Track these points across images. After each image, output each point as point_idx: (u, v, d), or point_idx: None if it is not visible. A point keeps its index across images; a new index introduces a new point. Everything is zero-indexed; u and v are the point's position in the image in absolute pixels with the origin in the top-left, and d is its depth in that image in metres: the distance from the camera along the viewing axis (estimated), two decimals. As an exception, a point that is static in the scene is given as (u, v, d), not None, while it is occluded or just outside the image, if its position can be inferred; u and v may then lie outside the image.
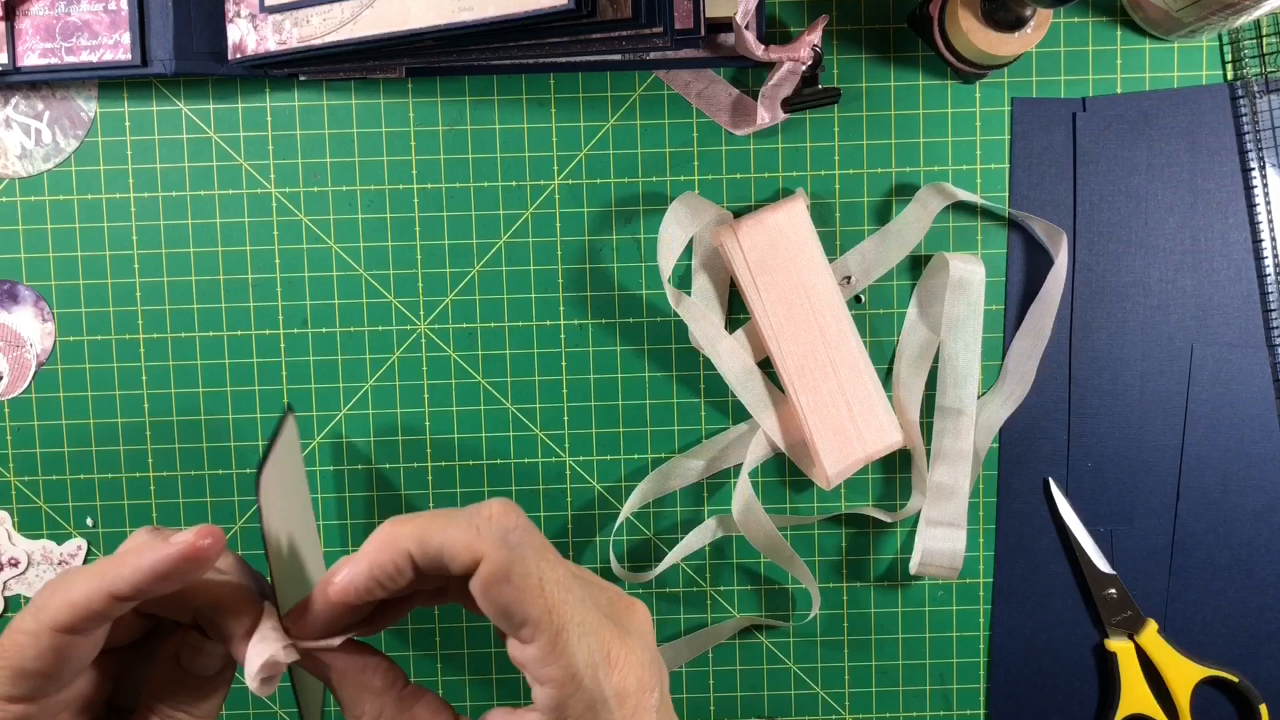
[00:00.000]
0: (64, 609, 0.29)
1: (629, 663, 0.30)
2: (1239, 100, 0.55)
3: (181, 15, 0.52)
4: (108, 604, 0.30)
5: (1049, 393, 0.56)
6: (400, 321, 0.56)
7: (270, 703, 0.58)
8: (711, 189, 0.56)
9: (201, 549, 0.30)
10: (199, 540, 0.30)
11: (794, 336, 0.54)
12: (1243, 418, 0.56)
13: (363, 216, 0.56)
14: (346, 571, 0.30)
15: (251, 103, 0.55)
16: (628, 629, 0.31)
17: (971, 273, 0.54)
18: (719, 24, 0.53)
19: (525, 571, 0.29)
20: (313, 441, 0.57)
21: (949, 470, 0.55)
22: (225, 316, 0.56)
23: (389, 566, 0.30)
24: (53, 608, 0.29)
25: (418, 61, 0.53)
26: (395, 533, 0.30)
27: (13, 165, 0.56)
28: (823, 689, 0.58)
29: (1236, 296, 0.55)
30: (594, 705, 0.29)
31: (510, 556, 0.29)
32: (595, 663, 0.29)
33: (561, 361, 0.56)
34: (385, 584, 0.30)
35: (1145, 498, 0.56)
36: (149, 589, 0.30)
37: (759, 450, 0.56)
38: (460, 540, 0.29)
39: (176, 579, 0.30)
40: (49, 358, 0.56)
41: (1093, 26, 0.55)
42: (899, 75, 0.55)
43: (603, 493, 0.57)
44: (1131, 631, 0.56)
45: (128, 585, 0.29)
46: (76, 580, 0.30)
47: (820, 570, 0.57)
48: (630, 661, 0.30)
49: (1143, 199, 0.55)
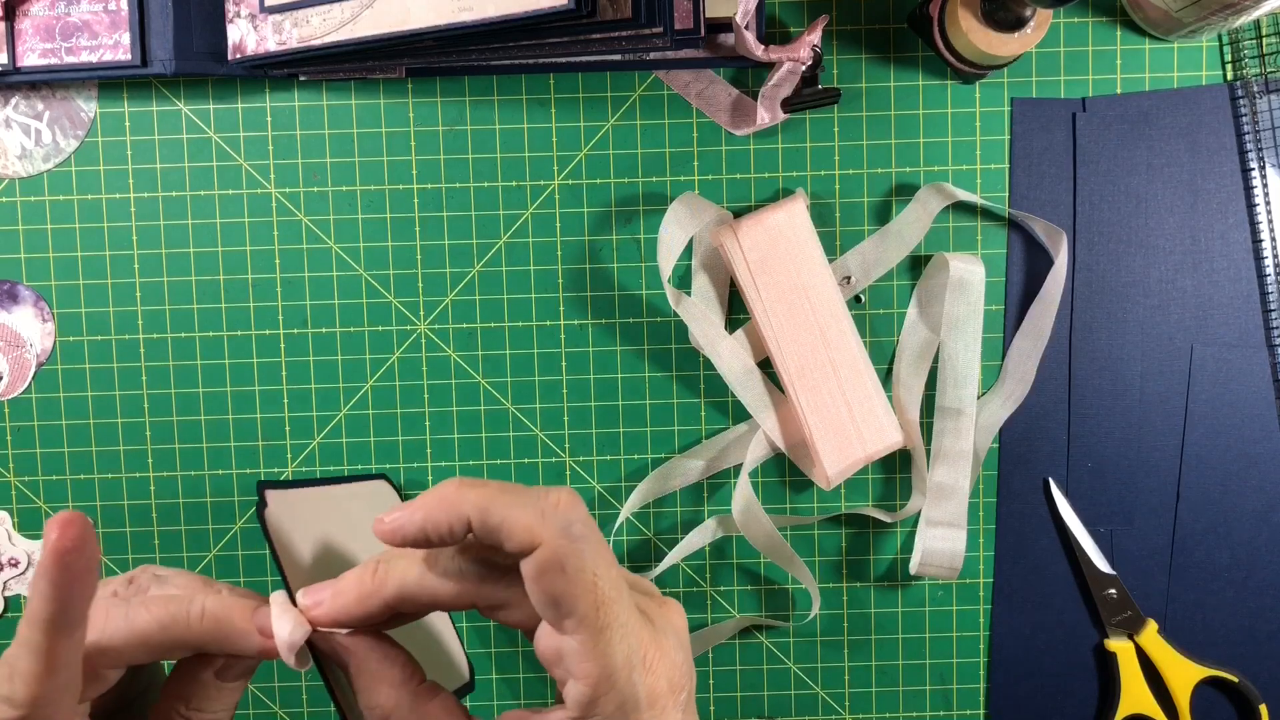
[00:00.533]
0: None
1: (662, 664, 0.30)
2: (1239, 100, 0.55)
3: (181, 15, 0.52)
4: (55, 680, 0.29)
5: (1049, 393, 0.56)
6: (400, 321, 0.56)
7: (270, 703, 0.58)
8: (711, 189, 0.56)
9: (65, 542, 0.28)
10: (60, 538, 0.28)
11: (794, 336, 0.54)
12: (1243, 418, 0.56)
13: (363, 216, 0.56)
14: (400, 515, 0.30)
15: (251, 103, 0.56)
16: (664, 629, 0.31)
17: (971, 273, 0.54)
18: (719, 24, 0.53)
19: (580, 566, 0.29)
20: (313, 441, 0.57)
21: (949, 470, 0.55)
22: (225, 316, 0.56)
23: (443, 525, 0.30)
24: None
25: (418, 61, 0.53)
26: (460, 495, 0.29)
27: (13, 165, 0.56)
28: (823, 689, 0.58)
29: (1236, 296, 0.55)
30: (624, 705, 0.29)
31: (570, 548, 0.29)
32: (632, 664, 0.29)
33: (561, 361, 0.56)
34: (434, 540, 0.30)
35: (1145, 498, 0.56)
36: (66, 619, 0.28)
37: (759, 450, 0.56)
38: (522, 521, 0.29)
39: (76, 584, 0.28)
40: (49, 358, 0.56)
41: (1093, 26, 0.55)
42: (899, 75, 0.55)
43: (603, 493, 0.57)
44: (1131, 631, 0.56)
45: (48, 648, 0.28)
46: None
47: (820, 570, 0.57)
48: (664, 663, 0.30)
49: (1143, 199, 0.55)
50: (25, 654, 0.29)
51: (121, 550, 0.57)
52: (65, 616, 0.29)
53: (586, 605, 0.29)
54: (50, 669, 0.29)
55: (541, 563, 0.29)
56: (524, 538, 0.29)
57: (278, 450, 0.57)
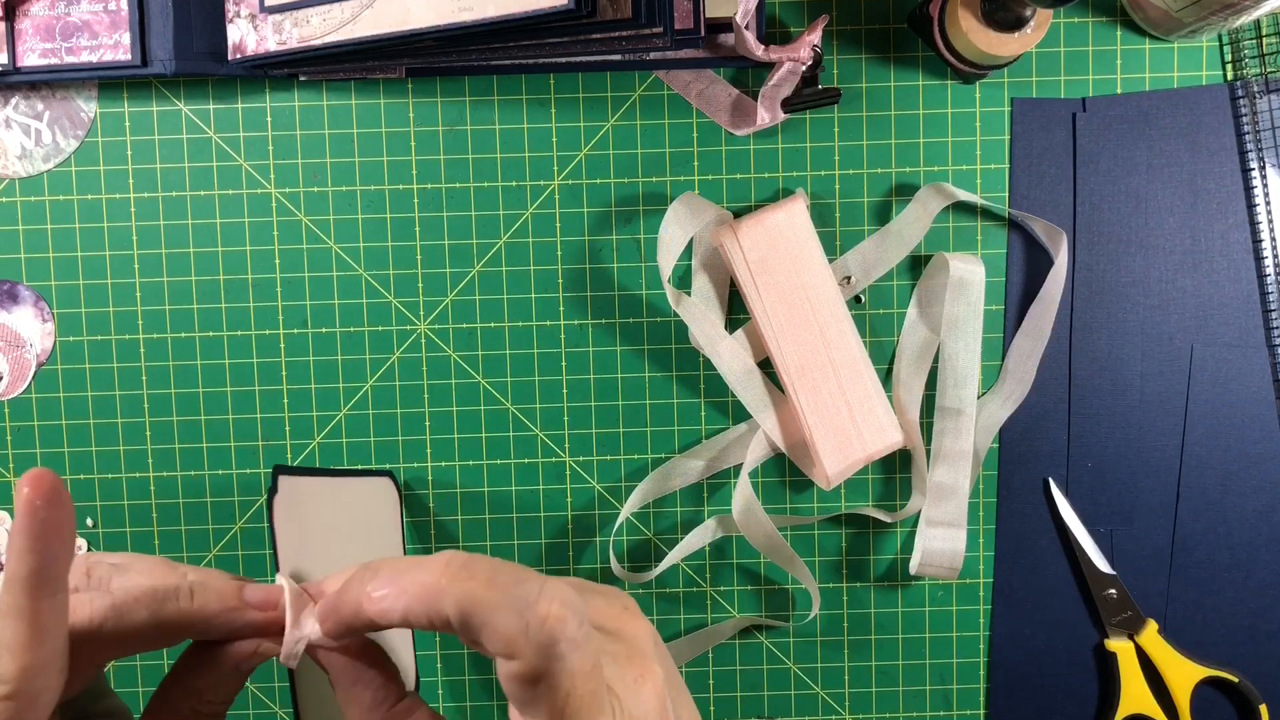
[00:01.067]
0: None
1: (643, 699, 0.30)
2: (1239, 100, 0.55)
3: (181, 15, 0.52)
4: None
5: (1049, 393, 0.56)
6: (400, 321, 0.56)
7: (270, 703, 0.58)
8: (711, 189, 0.56)
9: (38, 495, 0.27)
10: (32, 492, 0.27)
11: (794, 336, 0.54)
12: (1243, 418, 0.56)
13: (363, 216, 0.56)
14: (385, 598, 0.29)
15: (251, 103, 0.55)
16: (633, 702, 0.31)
17: (971, 273, 0.54)
18: (719, 24, 0.53)
19: (555, 686, 0.28)
20: (313, 441, 0.57)
21: (949, 470, 0.55)
22: (225, 316, 0.56)
23: (423, 620, 0.29)
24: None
25: (418, 61, 0.53)
26: (443, 591, 0.28)
27: (13, 165, 0.56)
28: (823, 689, 0.58)
29: (1236, 296, 0.55)
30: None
31: (548, 669, 0.27)
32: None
33: (561, 361, 0.56)
34: (417, 627, 0.29)
35: (1145, 498, 0.56)
36: (47, 576, 0.28)
37: (759, 450, 0.56)
38: (504, 632, 0.27)
39: (53, 538, 0.28)
40: (49, 358, 0.56)
41: (1093, 26, 0.55)
42: (899, 75, 0.55)
43: (603, 493, 0.57)
44: (1131, 631, 0.56)
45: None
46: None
47: (820, 570, 0.57)
48: (643, 698, 0.30)
49: (1143, 199, 0.55)
50: (9, 621, 0.28)
51: (121, 550, 0.57)
52: (45, 573, 0.28)
53: (554, 706, 0.28)
54: (37, 635, 0.28)
55: (515, 674, 0.28)
56: (503, 649, 0.28)
57: (278, 450, 0.57)
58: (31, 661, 0.28)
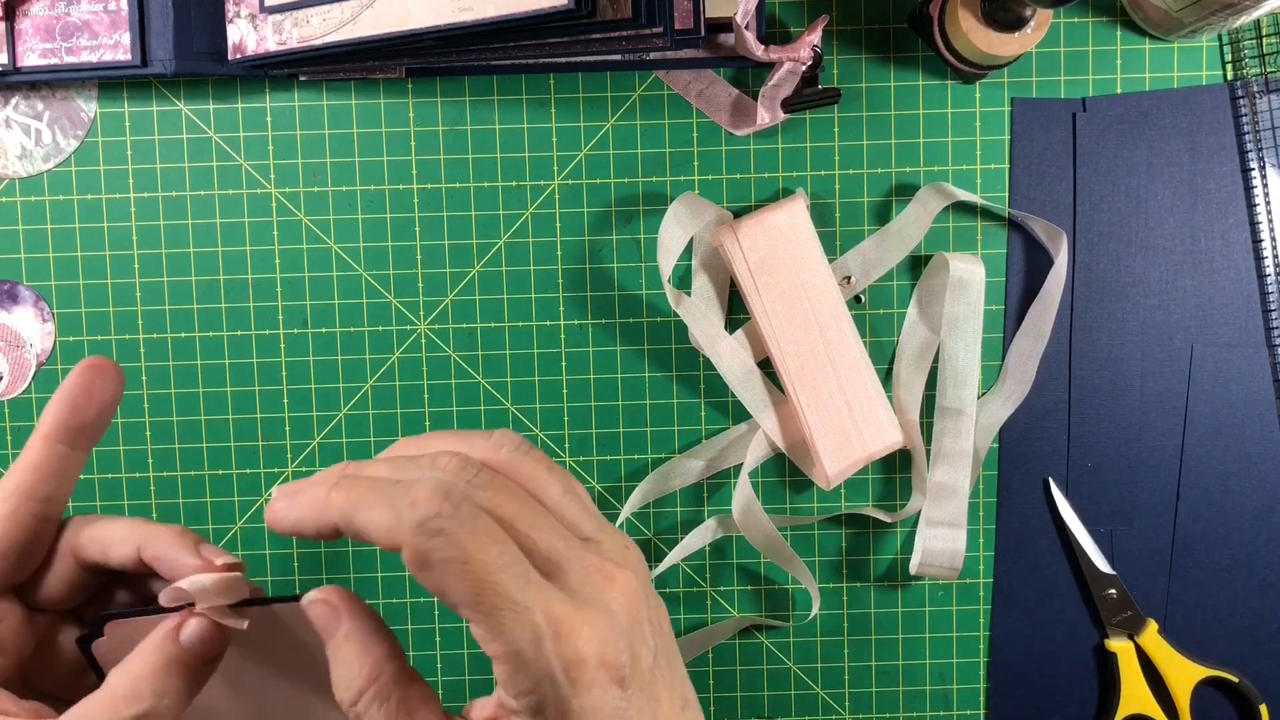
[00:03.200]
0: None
1: (585, 635, 0.30)
2: (1239, 100, 0.55)
3: (181, 15, 0.52)
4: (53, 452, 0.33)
5: (1049, 393, 0.56)
6: (400, 321, 0.56)
7: (270, 703, 0.58)
8: (711, 189, 0.56)
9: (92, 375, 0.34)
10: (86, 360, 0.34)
11: (794, 336, 0.54)
12: (1243, 418, 0.56)
13: (363, 216, 0.56)
14: (279, 509, 0.31)
15: (251, 103, 0.56)
16: (591, 602, 0.31)
17: (971, 273, 0.54)
18: (719, 24, 0.53)
19: (446, 558, 0.28)
20: (313, 441, 0.57)
21: (949, 470, 0.55)
22: (225, 316, 0.56)
23: (311, 530, 0.30)
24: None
25: (418, 61, 0.53)
26: (328, 501, 0.30)
27: (13, 165, 0.56)
28: (823, 689, 0.58)
29: (1236, 296, 0.55)
30: (541, 680, 0.29)
31: (427, 545, 0.28)
32: (539, 637, 0.29)
33: (561, 361, 0.56)
34: (312, 537, 0.31)
35: (1145, 498, 0.56)
36: (77, 419, 0.34)
37: (759, 450, 0.56)
38: (381, 525, 0.29)
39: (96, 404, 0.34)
40: (49, 358, 0.56)
41: (1093, 26, 0.55)
42: (899, 75, 0.55)
43: (603, 493, 0.57)
44: (1131, 631, 0.56)
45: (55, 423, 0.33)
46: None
47: (820, 570, 0.57)
48: (587, 634, 0.30)
49: (1143, 199, 0.55)
50: (23, 453, 0.33)
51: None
52: (67, 424, 0.33)
53: (463, 594, 0.28)
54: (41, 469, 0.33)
55: (408, 563, 0.29)
56: (387, 541, 0.29)
57: (278, 450, 0.57)
58: (32, 481, 0.33)
